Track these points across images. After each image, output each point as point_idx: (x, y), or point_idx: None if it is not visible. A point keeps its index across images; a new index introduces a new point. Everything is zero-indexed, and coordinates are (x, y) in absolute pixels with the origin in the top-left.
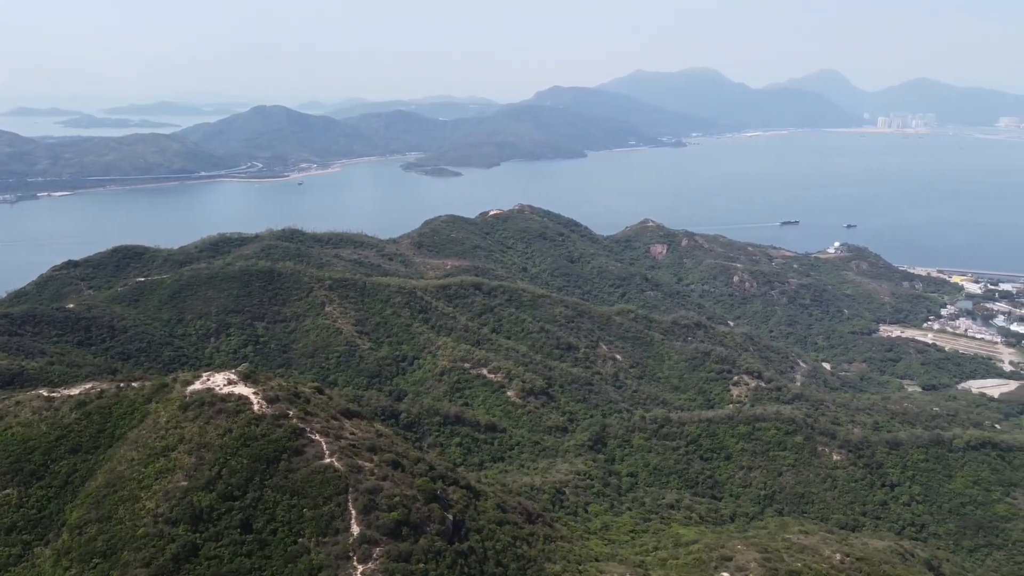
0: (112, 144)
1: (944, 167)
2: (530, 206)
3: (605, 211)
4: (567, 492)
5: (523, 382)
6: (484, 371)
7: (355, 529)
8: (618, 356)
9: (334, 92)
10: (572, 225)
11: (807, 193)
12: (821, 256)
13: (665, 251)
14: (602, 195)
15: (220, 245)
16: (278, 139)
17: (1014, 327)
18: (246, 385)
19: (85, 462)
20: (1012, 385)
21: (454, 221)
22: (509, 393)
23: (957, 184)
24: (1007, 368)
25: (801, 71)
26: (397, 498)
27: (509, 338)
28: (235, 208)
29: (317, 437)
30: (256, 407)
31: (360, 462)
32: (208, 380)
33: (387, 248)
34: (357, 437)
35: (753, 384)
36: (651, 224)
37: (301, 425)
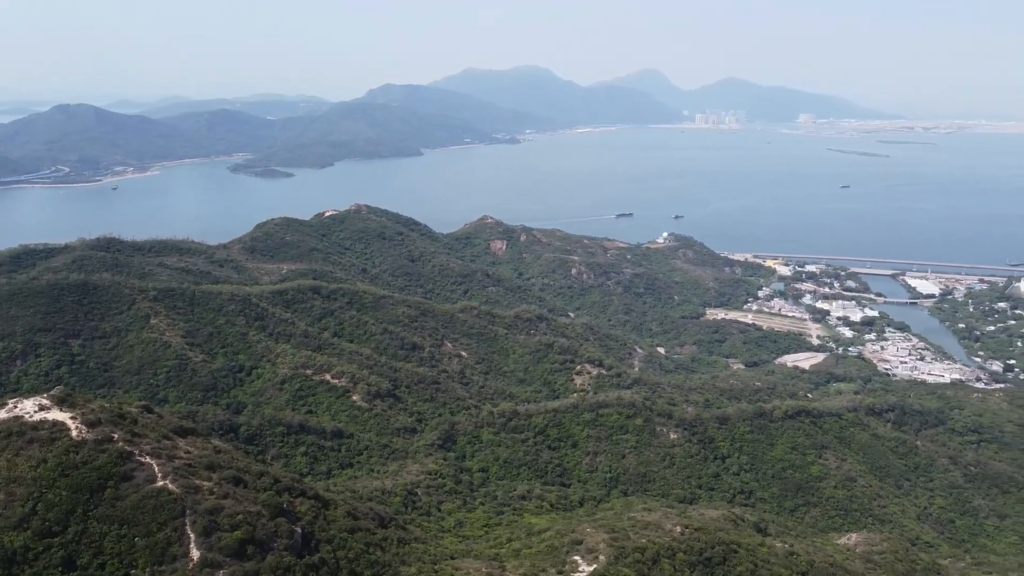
0: None
1: (754, 160)
2: (367, 206)
3: (444, 209)
4: (419, 493)
5: (368, 385)
6: (327, 376)
7: (195, 553)
8: (463, 353)
9: (150, 90)
10: (411, 224)
11: (638, 186)
12: (651, 246)
13: (505, 247)
14: (440, 193)
15: (23, 258)
16: (86, 140)
17: (819, 304)
18: (62, 410)
19: None
20: (820, 357)
21: (288, 223)
22: (354, 397)
23: (765, 175)
24: (815, 342)
25: (626, 70)
26: (240, 516)
27: (352, 341)
28: (39, 217)
29: (147, 459)
30: (75, 432)
31: (197, 482)
32: (15, 408)
33: (217, 254)
34: (193, 456)
35: (595, 372)
36: (490, 220)
37: (128, 448)
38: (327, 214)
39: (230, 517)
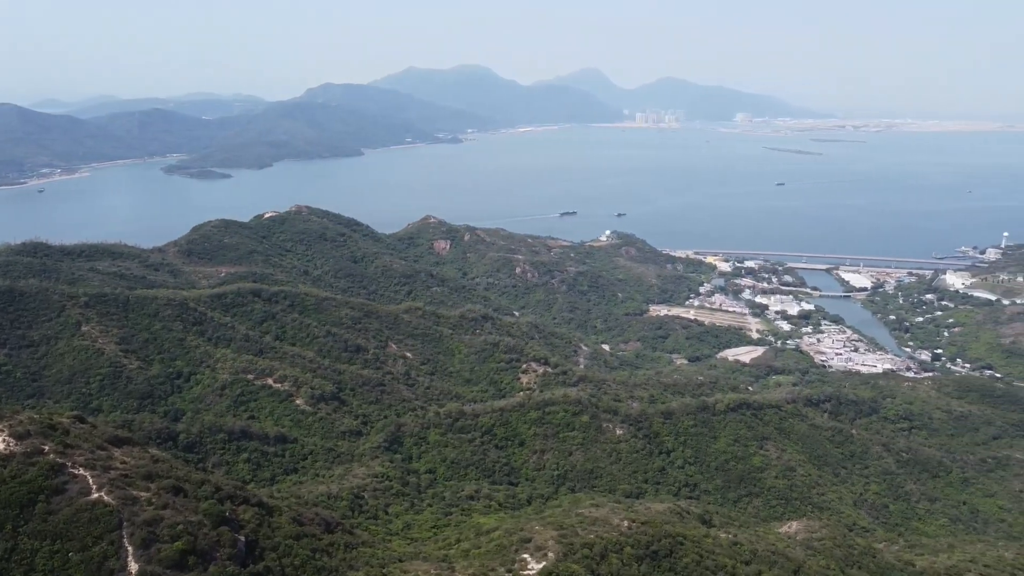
0: None
1: (694, 158)
2: (308, 207)
3: (386, 209)
4: (366, 496)
5: (312, 389)
6: (270, 381)
7: (133, 567)
8: (408, 354)
9: (78, 89)
10: (354, 225)
11: (581, 185)
12: (595, 244)
13: (448, 246)
14: (382, 193)
15: None
16: (9, 141)
17: (758, 299)
18: None
19: None
20: (759, 351)
21: (226, 226)
22: (298, 401)
23: (705, 173)
24: (754, 336)
25: (567, 69)
26: (180, 526)
27: (294, 344)
28: None
29: (81, 471)
30: (1, 446)
31: (135, 493)
32: None
33: (152, 258)
34: (129, 466)
35: (541, 370)
36: (433, 220)
37: (60, 460)
38: (267, 215)
39: (170, 528)
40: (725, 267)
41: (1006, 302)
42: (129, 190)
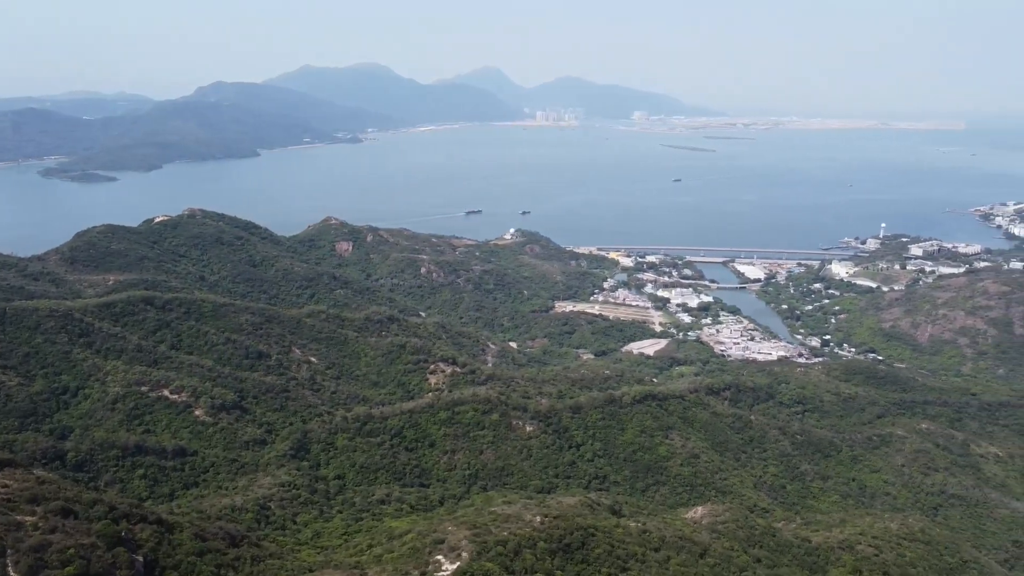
0: None
1: (594, 155)
2: (202, 210)
3: (285, 211)
4: (272, 506)
5: (212, 398)
6: (166, 392)
7: None
8: (313, 359)
9: None
10: (251, 228)
11: (486, 183)
12: (499, 243)
13: (351, 248)
14: (281, 194)
15: None
16: None
17: (660, 293)
18: None
19: None
20: (663, 343)
21: (113, 231)
22: (197, 412)
23: (605, 170)
24: (657, 329)
25: (467, 68)
26: (72, 550)
27: (192, 353)
28: None
29: None
30: None
31: (19, 517)
32: None
33: (31, 267)
34: (12, 489)
35: (449, 370)
36: (334, 221)
37: None
38: (158, 220)
39: (60, 553)
40: (627, 262)
41: (885, 289)
42: (1, 195)
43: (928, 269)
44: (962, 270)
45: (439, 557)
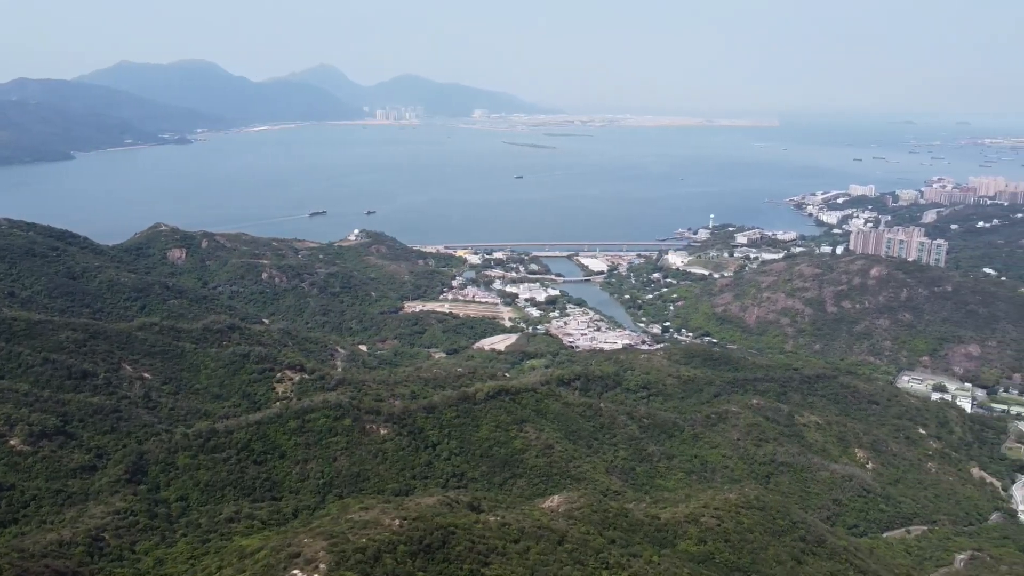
0: None
1: (436, 154)
2: (8, 219)
3: (108, 218)
4: (107, 537)
5: (30, 425)
6: None
7: None
8: (147, 375)
9: None
10: (68, 237)
11: (328, 183)
12: (344, 244)
13: (184, 255)
14: (101, 200)
15: None
16: None
17: (508, 288)
18: None
19: None
20: (513, 338)
21: None
22: (12, 442)
23: (448, 168)
24: (507, 324)
25: (301, 65)
26: None
27: (4, 377)
28: None
29: None
30: None
31: None
32: None
33: None
34: None
35: (297, 378)
36: (165, 228)
37: None
38: None
39: None
40: (475, 259)
41: (716, 276)
42: None
43: (752, 256)
44: (781, 255)
45: (295, 572)
